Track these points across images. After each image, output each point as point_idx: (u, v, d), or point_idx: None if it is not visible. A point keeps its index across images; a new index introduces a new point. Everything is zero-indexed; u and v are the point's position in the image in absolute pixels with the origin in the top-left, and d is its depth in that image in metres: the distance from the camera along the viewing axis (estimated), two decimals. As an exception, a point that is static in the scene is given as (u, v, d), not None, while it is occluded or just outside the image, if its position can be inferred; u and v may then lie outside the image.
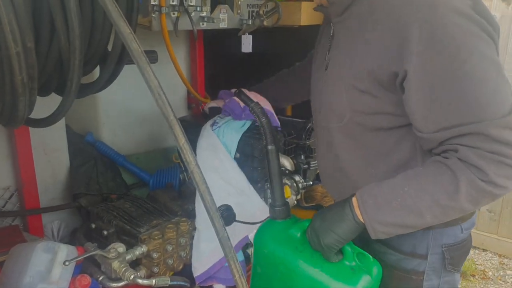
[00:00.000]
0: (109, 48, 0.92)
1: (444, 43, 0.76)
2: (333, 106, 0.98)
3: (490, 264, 2.79)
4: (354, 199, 0.86)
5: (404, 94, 0.82)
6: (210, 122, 1.41)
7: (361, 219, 0.85)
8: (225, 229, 0.71)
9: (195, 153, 1.36)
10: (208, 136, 1.36)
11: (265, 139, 0.96)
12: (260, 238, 1.01)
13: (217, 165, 1.29)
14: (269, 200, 1.12)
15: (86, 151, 1.63)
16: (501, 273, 2.70)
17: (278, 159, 0.98)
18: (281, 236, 0.97)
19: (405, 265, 0.97)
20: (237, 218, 1.07)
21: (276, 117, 1.45)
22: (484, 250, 2.88)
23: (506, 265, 2.78)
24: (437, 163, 0.81)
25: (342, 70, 0.94)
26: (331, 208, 0.92)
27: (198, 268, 1.27)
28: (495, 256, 2.86)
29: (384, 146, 0.92)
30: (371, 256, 0.91)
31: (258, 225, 1.07)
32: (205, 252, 1.26)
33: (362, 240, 1.09)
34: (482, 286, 2.58)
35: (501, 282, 2.63)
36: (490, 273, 2.70)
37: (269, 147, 0.96)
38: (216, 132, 1.35)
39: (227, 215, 1.05)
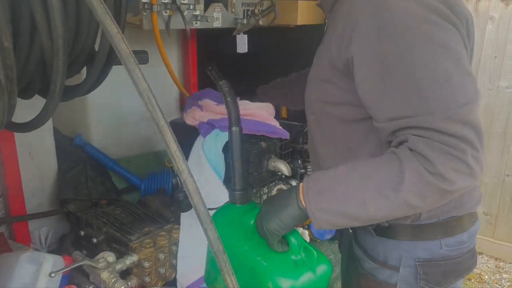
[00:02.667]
0: (97, 48, 0.88)
1: (391, 29, 0.72)
2: (308, 98, 0.96)
3: (486, 268, 2.78)
4: (301, 185, 0.82)
5: (355, 83, 0.78)
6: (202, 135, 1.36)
7: (304, 205, 0.80)
8: (220, 242, 0.67)
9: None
10: (196, 149, 1.33)
11: (229, 119, 0.91)
12: (215, 221, 0.97)
13: (203, 184, 1.26)
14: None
15: (74, 155, 1.58)
16: (497, 277, 2.69)
17: (242, 142, 0.93)
18: (234, 222, 0.92)
19: (378, 275, 0.93)
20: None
21: (279, 128, 1.40)
22: (480, 253, 2.87)
23: (502, 269, 2.78)
24: (388, 153, 0.76)
25: (315, 63, 0.93)
26: (279, 194, 0.88)
27: (183, 283, 1.23)
28: (491, 260, 2.85)
29: (352, 139, 0.88)
30: (318, 252, 0.85)
31: None
32: (191, 267, 1.22)
33: (346, 244, 1.07)
34: (478, 290, 2.58)
35: (497, 285, 2.62)
36: (486, 276, 2.70)
37: (233, 128, 0.91)
38: (204, 146, 1.31)
39: (187, 201, 1.00)
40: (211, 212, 1.04)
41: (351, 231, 1.00)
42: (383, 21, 0.72)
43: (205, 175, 1.29)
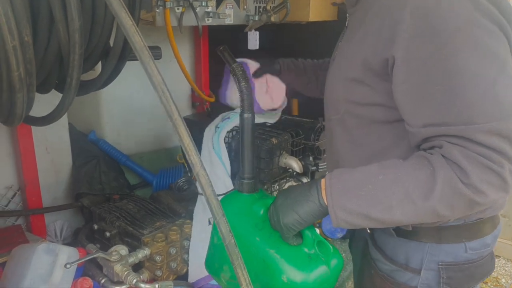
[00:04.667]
0: (111, 44, 0.89)
1: (436, 30, 0.68)
2: (333, 96, 0.93)
3: (504, 271, 2.71)
4: (322, 181, 0.79)
5: (393, 85, 0.75)
6: (212, 127, 1.35)
7: (326, 202, 0.77)
8: (233, 236, 0.67)
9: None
10: (206, 147, 1.33)
11: (241, 105, 0.87)
12: (223, 208, 0.95)
13: (214, 181, 1.26)
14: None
15: (89, 150, 1.61)
16: (496, 275, 2.63)
17: (253, 129, 0.90)
18: (242, 210, 0.89)
19: (398, 277, 0.89)
20: None
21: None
22: (497, 256, 2.81)
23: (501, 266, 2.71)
24: (420, 157, 0.73)
25: (341, 61, 0.90)
26: (297, 187, 0.84)
27: (195, 275, 1.24)
28: (508, 263, 2.78)
29: (381, 142, 0.85)
30: (332, 247, 0.84)
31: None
32: (203, 261, 1.23)
33: (360, 245, 1.03)
34: (494, 293, 2.53)
35: (496, 283, 2.57)
36: (503, 280, 2.63)
37: (245, 114, 0.87)
38: (215, 139, 1.31)
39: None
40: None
41: (369, 231, 0.97)
42: (431, 21, 0.69)
43: (217, 173, 1.30)
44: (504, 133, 0.66)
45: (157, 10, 1.25)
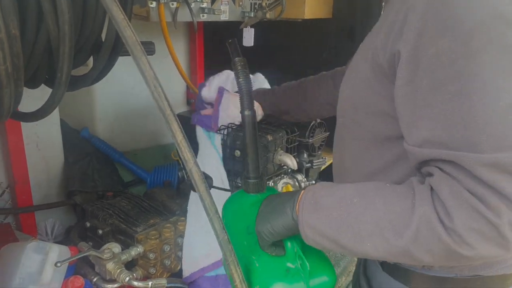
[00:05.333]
0: (103, 38, 0.87)
1: (452, 23, 0.54)
2: (341, 97, 0.84)
3: None
4: (301, 193, 0.72)
5: (395, 85, 0.62)
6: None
7: (298, 217, 0.70)
8: (226, 232, 0.66)
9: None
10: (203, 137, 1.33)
11: (240, 103, 0.84)
12: (225, 208, 0.92)
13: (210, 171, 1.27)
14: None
15: (81, 147, 1.58)
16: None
17: (255, 127, 0.86)
18: (241, 211, 0.86)
19: None
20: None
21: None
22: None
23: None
24: (409, 185, 0.61)
25: (355, 61, 0.78)
26: (281, 195, 0.78)
27: (188, 270, 1.23)
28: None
29: (381, 161, 0.74)
30: (322, 263, 0.79)
31: None
32: (197, 257, 1.22)
33: (356, 270, 0.96)
34: None
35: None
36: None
37: (246, 112, 0.83)
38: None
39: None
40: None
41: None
42: (449, 12, 0.55)
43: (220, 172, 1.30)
44: (511, 168, 0.51)
45: (151, 5, 1.23)
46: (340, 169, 0.89)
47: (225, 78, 1.42)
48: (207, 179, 0.99)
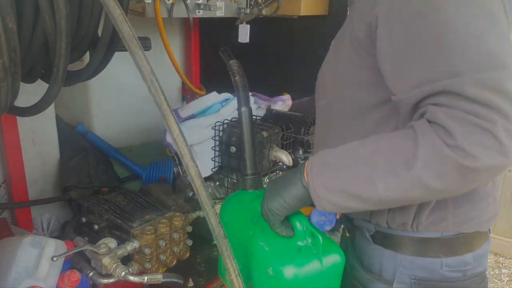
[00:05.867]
0: (100, 34, 0.87)
1: None
2: (322, 80, 0.89)
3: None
4: (306, 162, 0.75)
5: (376, 48, 0.70)
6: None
7: (307, 183, 0.72)
8: (222, 227, 0.67)
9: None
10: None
11: (237, 99, 0.87)
12: (224, 207, 0.93)
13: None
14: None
15: (77, 143, 1.59)
16: (497, 272, 2.69)
17: (252, 123, 0.88)
18: (242, 207, 0.88)
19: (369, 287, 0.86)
20: None
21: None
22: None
23: (502, 264, 2.78)
24: (406, 128, 0.66)
25: (335, 43, 0.86)
26: (285, 173, 0.84)
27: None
28: (490, 255, 2.85)
29: (362, 128, 0.80)
30: (328, 240, 0.79)
31: None
32: None
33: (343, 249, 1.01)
34: (477, 283, 2.58)
35: (496, 280, 2.63)
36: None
37: (242, 109, 0.85)
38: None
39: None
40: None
41: (348, 235, 0.94)
42: None
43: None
44: (497, 85, 0.58)
45: (147, 1, 1.23)
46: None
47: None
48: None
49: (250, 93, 1.08)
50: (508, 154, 0.58)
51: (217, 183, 1.45)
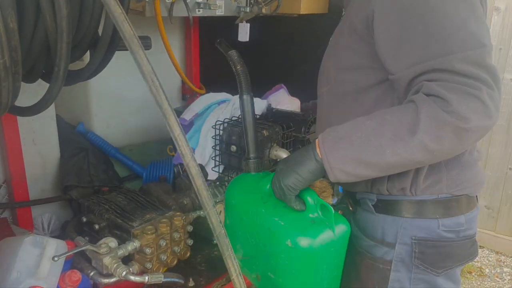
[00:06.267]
0: (100, 33, 0.87)
1: None
2: (324, 69, 0.99)
3: (487, 261, 2.78)
4: (317, 139, 0.84)
5: (374, 36, 0.81)
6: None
7: (320, 157, 0.82)
8: (223, 226, 0.67)
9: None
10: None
11: (239, 87, 0.91)
12: (230, 190, 0.99)
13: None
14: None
15: (77, 142, 1.58)
16: (498, 270, 2.69)
17: (253, 110, 0.94)
18: (249, 188, 0.94)
19: (374, 252, 0.94)
20: None
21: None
22: (481, 247, 2.87)
23: (503, 262, 2.78)
24: (405, 102, 0.77)
25: (336, 35, 0.96)
26: (296, 151, 0.90)
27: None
28: (492, 253, 2.85)
29: (362, 106, 0.90)
30: (335, 212, 0.87)
31: None
32: None
33: None
34: (479, 283, 2.58)
35: (498, 279, 2.63)
36: (487, 270, 2.70)
37: (244, 96, 0.92)
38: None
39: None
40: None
41: (351, 208, 1.02)
42: None
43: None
44: (479, 61, 0.71)
45: (147, 0, 1.23)
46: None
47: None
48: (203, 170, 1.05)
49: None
50: (491, 115, 0.71)
51: (217, 183, 1.45)
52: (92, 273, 1.11)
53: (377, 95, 0.88)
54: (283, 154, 1.35)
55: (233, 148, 1.33)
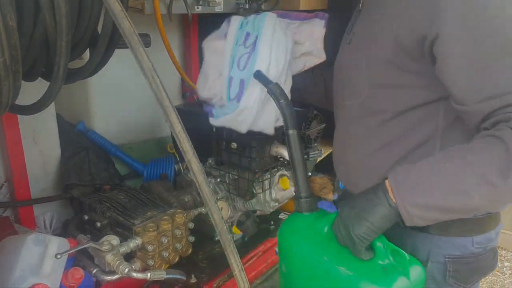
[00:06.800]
0: (100, 31, 0.87)
1: (483, 2, 0.69)
2: (353, 80, 0.90)
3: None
4: (387, 181, 0.77)
5: (438, 62, 0.74)
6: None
7: (395, 202, 0.74)
8: (224, 222, 0.68)
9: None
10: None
11: (284, 123, 0.86)
12: (284, 233, 0.92)
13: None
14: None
15: (77, 141, 1.58)
16: (499, 265, 2.70)
17: (301, 145, 0.88)
18: (305, 231, 0.87)
19: None
20: None
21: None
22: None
23: (504, 257, 2.79)
24: (485, 137, 0.70)
25: (366, 41, 0.87)
26: (360, 195, 0.81)
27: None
28: (502, 251, 2.86)
29: (399, 129, 0.84)
30: (408, 255, 0.79)
31: None
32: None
33: None
34: (479, 277, 2.59)
35: (499, 274, 2.64)
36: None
37: (290, 131, 0.85)
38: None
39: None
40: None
41: None
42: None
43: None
44: None
45: (146, -3, 1.23)
46: (345, 152, 0.96)
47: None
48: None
49: (277, 12, 0.99)
50: None
51: (218, 180, 1.45)
52: (94, 271, 1.11)
53: (417, 118, 0.81)
54: (284, 151, 1.35)
55: (234, 145, 1.33)
